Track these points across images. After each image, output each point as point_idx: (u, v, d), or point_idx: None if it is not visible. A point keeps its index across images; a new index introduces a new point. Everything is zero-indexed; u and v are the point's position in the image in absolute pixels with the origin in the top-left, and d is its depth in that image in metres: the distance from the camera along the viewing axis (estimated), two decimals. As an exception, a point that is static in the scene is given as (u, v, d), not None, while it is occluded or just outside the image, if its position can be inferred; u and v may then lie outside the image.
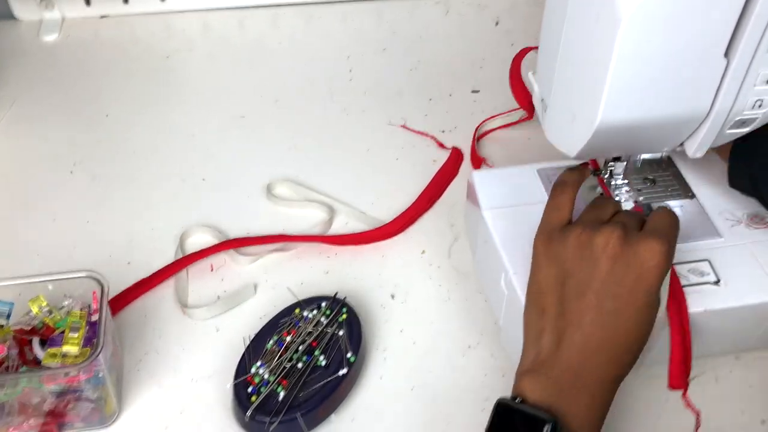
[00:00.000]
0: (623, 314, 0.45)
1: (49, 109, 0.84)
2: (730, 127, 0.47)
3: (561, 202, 0.51)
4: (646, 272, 0.45)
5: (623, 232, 0.46)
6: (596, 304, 0.46)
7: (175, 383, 0.58)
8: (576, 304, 0.46)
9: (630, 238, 0.46)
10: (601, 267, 0.46)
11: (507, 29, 0.94)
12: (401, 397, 0.57)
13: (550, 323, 0.47)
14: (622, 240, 0.46)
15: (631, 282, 0.45)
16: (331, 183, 0.74)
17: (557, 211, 0.51)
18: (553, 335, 0.47)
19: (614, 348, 0.46)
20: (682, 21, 0.41)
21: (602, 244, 0.46)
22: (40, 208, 0.73)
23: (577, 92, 0.47)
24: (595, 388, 0.45)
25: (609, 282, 0.46)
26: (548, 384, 0.45)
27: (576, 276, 0.47)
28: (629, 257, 0.45)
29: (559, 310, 0.47)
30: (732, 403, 0.56)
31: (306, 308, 0.59)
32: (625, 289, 0.45)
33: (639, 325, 0.46)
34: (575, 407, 0.45)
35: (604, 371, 0.46)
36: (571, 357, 0.46)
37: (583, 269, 0.47)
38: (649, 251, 0.45)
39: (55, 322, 0.56)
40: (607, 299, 0.45)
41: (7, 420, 0.53)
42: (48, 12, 0.96)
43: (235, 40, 0.94)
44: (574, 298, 0.47)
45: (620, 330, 0.45)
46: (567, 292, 0.47)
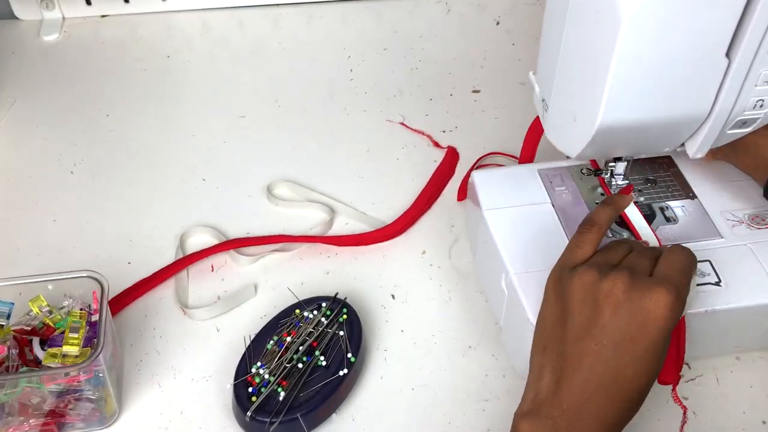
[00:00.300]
0: (624, 362, 0.44)
1: (49, 109, 0.84)
2: (731, 128, 0.47)
3: (584, 241, 0.50)
4: (651, 323, 0.44)
5: (629, 279, 0.45)
6: (596, 349, 0.45)
7: (175, 383, 0.58)
8: (576, 347, 0.45)
9: (636, 286, 0.45)
10: (603, 313, 0.45)
11: (507, 29, 0.94)
12: (401, 397, 0.57)
13: (550, 363, 0.47)
14: (626, 287, 0.45)
15: (634, 331, 0.44)
16: (331, 183, 0.74)
17: (578, 249, 0.49)
18: (553, 375, 0.46)
19: (614, 393, 0.44)
20: (683, 21, 0.41)
21: (606, 289, 0.45)
22: (40, 208, 0.73)
23: (578, 92, 0.47)
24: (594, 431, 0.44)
25: (610, 329, 0.44)
26: (546, 426, 0.45)
27: (577, 318, 0.46)
28: (633, 306, 0.44)
29: (560, 350, 0.46)
30: (732, 404, 0.55)
31: (306, 308, 0.59)
32: (627, 338, 0.44)
33: (640, 374, 0.45)
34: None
35: (603, 415, 0.44)
36: (570, 399, 0.45)
37: (584, 312, 0.46)
38: (654, 302, 0.44)
39: (55, 322, 0.56)
40: (608, 347, 0.44)
41: (7, 420, 0.53)
42: (48, 12, 0.96)
43: (235, 40, 0.94)
44: (574, 341, 0.46)
45: (620, 377, 0.44)
46: (568, 333, 0.46)
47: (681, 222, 0.57)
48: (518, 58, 0.89)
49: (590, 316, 0.45)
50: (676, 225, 0.57)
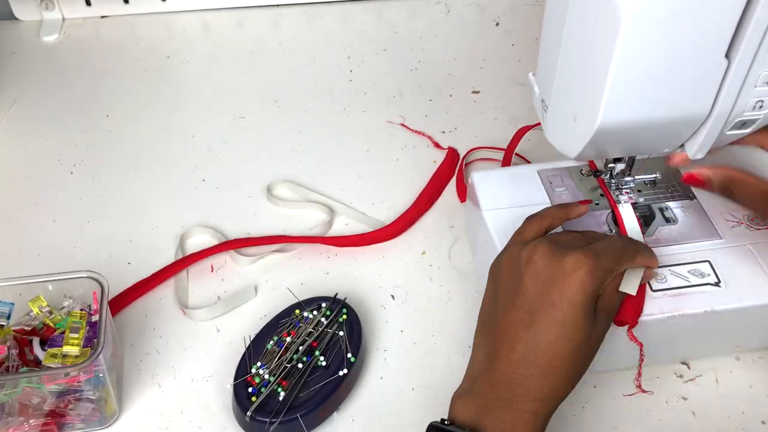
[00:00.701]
0: (544, 327, 0.44)
1: (49, 109, 0.84)
2: (730, 129, 0.47)
3: (525, 228, 0.51)
4: (568, 284, 0.44)
5: (549, 246, 0.46)
6: (519, 317, 0.45)
7: (175, 383, 0.58)
8: (503, 319, 0.46)
9: (555, 252, 0.46)
10: (524, 280, 0.46)
11: (507, 29, 0.94)
12: (401, 397, 0.57)
13: (484, 339, 0.48)
14: (545, 253, 0.46)
15: (552, 296, 0.45)
16: (331, 184, 0.74)
17: (517, 236, 0.51)
18: (485, 351, 0.47)
19: (539, 362, 0.44)
20: (683, 22, 0.41)
21: (526, 257, 0.46)
22: (40, 208, 0.73)
23: (578, 93, 0.47)
24: (523, 405, 0.44)
25: (530, 295, 0.45)
26: (475, 402, 0.45)
27: (504, 291, 0.47)
28: (550, 271, 0.45)
29: (490, 326, 0.47)
30: (732, 404, 0.55)
31: (306, 309, 0.59)
32: (546, 302, 0.45)
33: (563, 338, 0.44)
34: (502, 423, 0.44)
35: (532, 387, 0.44)
36: (499, 372, 0.45)
37: (510, 284, 0.47)
38: (571, 266, 0.45)
39: (56, 322, 0.56)
40: (529, 312, 0.45)
41: (7, 420, 0.53)
42: (48, 12, 0.96)
43: (235, 40, 0.94)
44: (502, 313, 0.46)
45: (542, 343, 0.44)
46: (497, 308, 0.47)
47: (680, 223, 0.57)
48: (518, 59, 0.89)
49: (514, 285, 0.46)
50: (676, 226, 0.57)
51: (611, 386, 0.57)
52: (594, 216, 0.58)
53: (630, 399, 0.56)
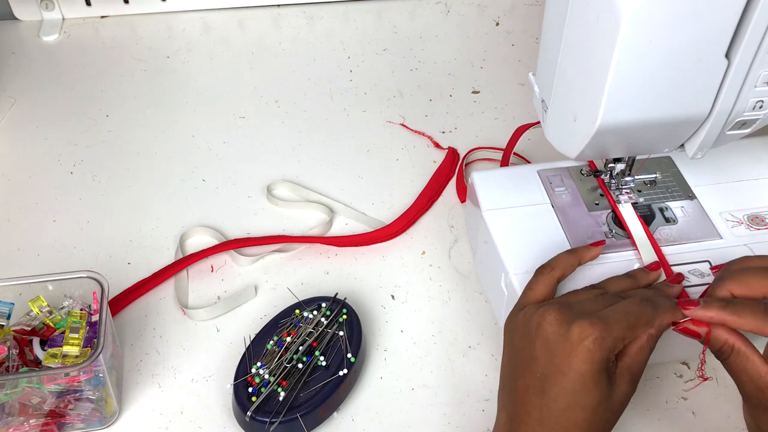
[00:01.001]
0: (555, 394, 0.44)
1: (49, 109, 0.84)
2: (730, 129, 0.47)
3: (536, 282, 0.50)
4: (575, 353, 0.43)
5: (558, 312, 0.45)
6: (533, 383, 0.45)
7: (175, 383, 0.58)
8: (520, 382, 0.46)
9: (563, 319, 0.45)
10: (536, 346, 0.45)
11: (507, 29, 0.94)
12: (401, 397, 0.57)
13: (504, 401, 0.48)
14: (555, 319, 0.45)
15: (560, 363, 0.44)
16: (331, 184, 0.74)
17: (530, 291, 0.50)
18: (506, 414, 0.47)
19: (555, 428, 0.44)
20: (683, 22, 0.41)
21: (536, 322, 0.46)
22: (40, 208, 0.73)
23: (578, 93, 0.47)
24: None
25: (541, 361, 0.45)
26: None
27: (519, 355, 0.47)
28: (558, 339, 0.44)
29: (510, 388, 0.47)
30: (732, 404, 0.55)
31: (306, 309, 0.59)
32: (555, 370, 0.44)
33: (574, 406, 0.44)
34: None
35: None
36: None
37: (524, 348, 0.46)
38: (577, 334, 0.44)
39: (55, 322, 0.56)
40: (541, 380, 0.45)
41: (7, 420, 0.53)
42: (48, 12, 0.96)
43: (235, 40, 0.94)
44: (519, 377, 0.46)
45: (555, 412, 0.44)
46: (515, 371, 0.47)
47: (680, 223, 0.57)
48: (518, 59, 0.89)
49: (528, 350, 0.46)
50: (676, 226, 0.57)
51: (611, 386, 0.57)
52: (594, 216, 0.58)
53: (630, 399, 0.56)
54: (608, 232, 0.56)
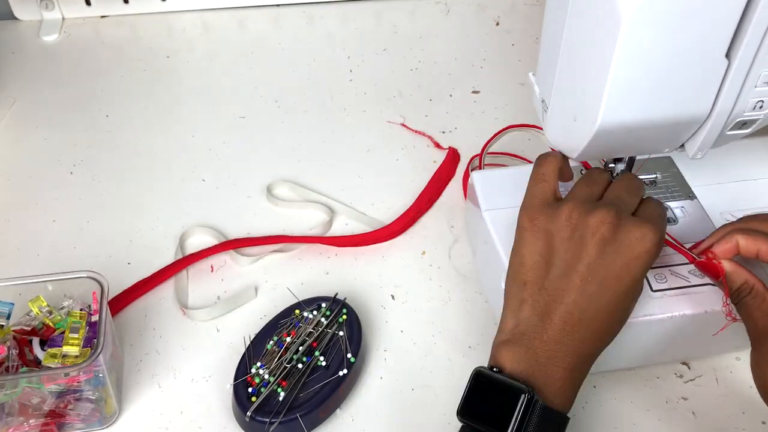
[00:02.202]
0: (606, 298, 0.45)
1: (49, 109, 0.84)
2: (730, 129, 0.47)
3: (545, 173, 0.50)
4: (635, 260, 0.45)
5: (616, 217, 0.46)
6: (580, 285, 0.45)
7: (175, 383, 0.58)
8: (560, 282, 0.46)
9: (623, 224, 0.46)
10: (590, 251, 0.46)
11: (507, 29, 0.94)
12: (401, 397, 0.57)
13: (532, 296, 0.47)
14: (614, 224, 0.45)
15: (618, 269, 0.45)
16: (331, 184, 0.74)
17: (542, 183, 0.50)
18: (534, 308, 0.47)
19: (594, 327, 0.46)
20: (683, 22, 0.41)
21: (593, 226, 0.46)
22: (40, 208, 0.73)
23: (578, 93, 0.47)
24: (571, 362, 0.46)
25: (596, 266, 0.45)
26: (527, 355, 0.46)
27: (563, 255, 0.47)
28: (620, 243, 0.45)
29: (542, 285, 0.47)
30: (732, 404, 0.56)
31: (306, 309, 0.59)
32: (612, 275, 0.45)
33: (620, 309, 0.47)
34: (551, 379, 0.45)
35: (581, 347, 0.46)
36: (551, 331, 0.46)
37: (570, 249, 0.46)
38: (640, 240, 0.45)
39: (55, 322, 0.56)
40: (593, 283, 0.45)
41: (7, 420, 0.53)
42: (48, 12, 0.96)
43: (235, 40, 0.94)
44: (559, 276, 0.46)
45: (601, 312, 0.46)
46: (552, 270, 0.47)
47: (680, 222, 0.57)
48: (518, 59, 0.89)
49: (576, 253, 0.46)
50: (676, 225, 0.57)
51: (611, 386, 0.57)
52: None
53: (630, 399, 0.56)
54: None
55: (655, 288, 0.53)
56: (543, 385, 0.45)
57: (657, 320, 0.52)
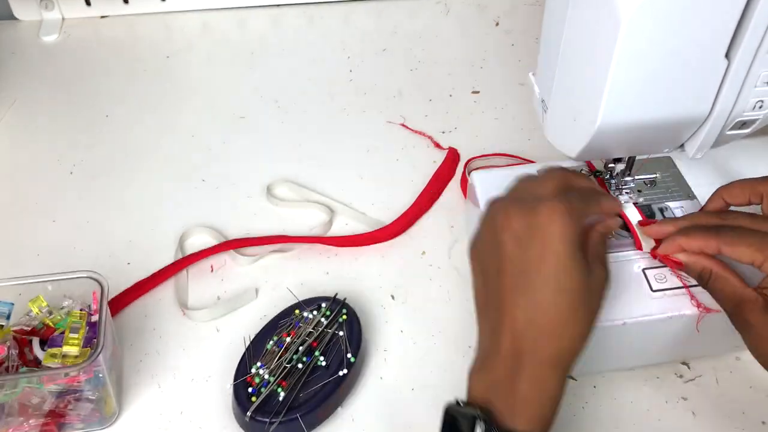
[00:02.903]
0: (538, 285, 0.43)
1: (49, 109, 0.84)
2: (730, 129, 0.47)
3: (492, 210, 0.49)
4: (549, 236, 0.43)
5: (518, 206, 0.44)
6: (512, 283, 0.44)
7: (175, 383, 0.58)
8: (499, 290, 0.44)
9: (525, 209, 0.44)
10: (506, 247, 0.44)
11: (507, 29, 0.94)
12: (401, 397, 0.57)
13: (484, 318, 0.46)
14: (518, 212, 0.44)
15: (537, 252, 0.43)
16: (331, 184, 0.74)
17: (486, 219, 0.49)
18: (489, 327, 0.45)
19: (542, 324, 0.43)
20: (683, 22, 0.41)
21: (501, 223, 0.45)
22: (40, 208, 0.73)
23: (578, 93, 0.47)
24: (533, 373, 0.43)
25: (516, 257, 0.44)
26: (487, 377, 0.44)
27: (491, 264, 0.45)
28: (529, 227, 0.43)
29: (486, 302, 0.46)
30: (732, 404, 0.56)
31: (306, 309, 0.59)
32: (533, 260, 0.43)
33: (561, 293, 0.43)
34: (513, 397, 0.43)
35: (540, 352, 0.43)
36: (504, 343, 0.44)
37: (493, 255, 0.45)
38: (546, 213, 0.43)
39: (55, 322, 0.56)
40: (519, 276, 0.43)
41: (7, 420, 0.53)
42: (48, 12, 0.96)
43: (235, 40, 0.94)
44: (496, 286, 0.45)
45: (541, 303, 0.43)
46: (489, 284, 0.46)
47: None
48: (518, 59, 0.89)
49: (498, 255, 0.44)
50: (676, 225, 0.57)
51: (611, 386, 0.57)
52: (594, 216, 0.58)
53: (630, 399, 0.56)
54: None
55: (655, 288, 0.53)
56: (504, 407, 0.43)
57: (657, 320, 0.52)
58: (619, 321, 0.51)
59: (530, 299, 0.43)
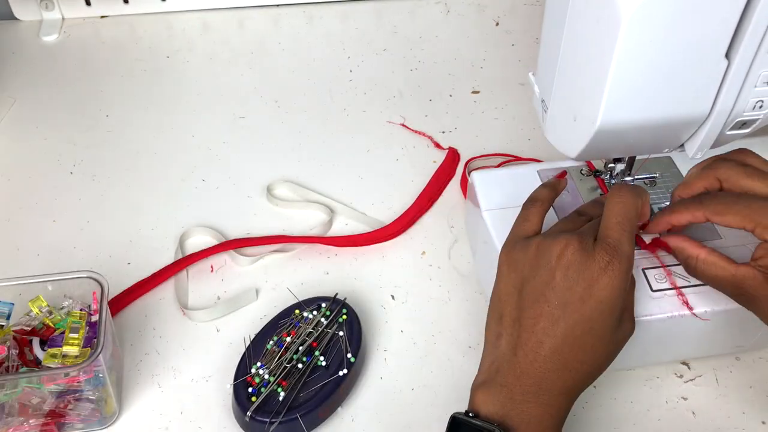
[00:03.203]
0: (573, 321, 0.45)
1: (49, 109, 0.84)
2: (730, 129, 0.47)
3: (529, 215, 0.51)
4: (598, 280, 0.44)
5: (580, 241, 0.46)
6: (549, 311, 0.45)
7: (175, 383, 0.58)
8: (531, 311, 0.46)
9: (587, 248, 0.45)
10: (555, 275, 0.45)
11: (507, 29, 0.94)
12: (401, 397, 0.57)
13: (506, 330, 0.47)
14: (578, 248, 0.45)
15: (581, 291, 0.44)
16: (331, 184, 0.74)
17: (525, 223, 0.51)
18: (509, 342, 0.47)
19: (566, 356, 0.45)
20: (683, 22, 0.41)
21: (557, 251, 0.46)
22: (40, 208, 0.73)
23: (578, 93, 0.47)
24: (548, 399, 0.45)
25: (561, 290, 0.45)
26: (501, 394, 0.45)
27: (532, 283, 0.46)
28: (583, 265, 0.45)
29: (516, 316, 0.47)
30: (732, 404, 0.56)
31: (306, 309, 0.59)
32: (575, 298, 0.45)
33: (590, 336, 0.45)
34: (528, 418, 0.44)
35: (557, 380, 0.45)
36: (524, 364, 0.45)
37: (538, 276, 0.46)
38: (603, 260, 0.45)
39: (55, 322, 0.56)
40: (558, 307, 0.45)
41: (7, 420, 0.53)
42: (48, 12, 0.96)
43: (235, 40, 0.94)
44: (530, 306, 0.46)
45: (569, 338, 0.45)
46: (524, 299, 0.47)
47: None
48: (518, 59, 0.89)
49: (544, 279, 0.46)
50: (676, 225, 0.57)
51: (611, 386, 0.57)
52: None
53: (630, 399, 0.56)
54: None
55: (655, 288, 0.53)
56: (519, 424, 0.44)
57: (657, 320, 0.52)
58: (619, 321, 0.51)
59: (561, 332, 0.45)
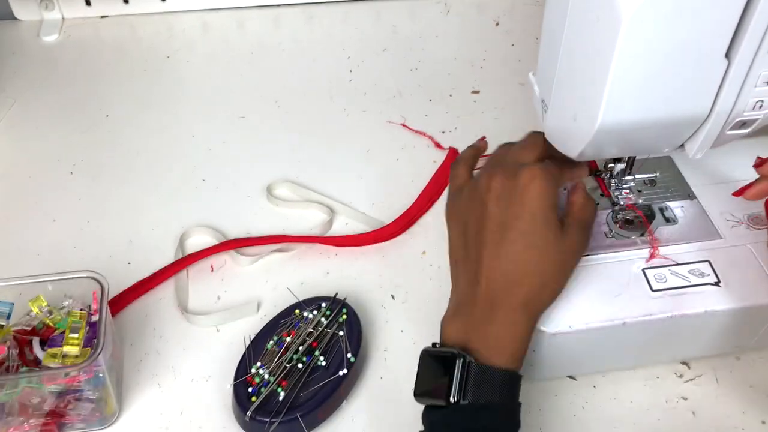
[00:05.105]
0: (513, 239, 0.48)
1: (49, 109, 0.84)
2: (730, 128, 0.47)
3: (457, 172, 0.56)
4: (527, 198, 0.48)
5: (502, 171, 0.50)
6: (491, 238, 0.49)
7: (175, 383, 0.58)
8: (476, 244, 0.50)
9: (509, 172, 0.50)
10: (488, 206, 0.49)
11: (507, 29, 0.94)
12: (401, 397, 0.57)
13: (461, 270, 0.51)
14: (502, 176, 0.50)
15: (515, 209, 0.48)
16: (331, 184, 0.74)
17: (455, 179, 0.55)
18: (465, 278, 0.50)
19: (514, 273, 0.48)
20: (683, 21, 0.41)
21: (484, 186, 0.50)
22: (40, 208, 0.73)
23: (578, 93, 0.47)
24: (504, 316, 0.48)
25: (495, 215, 0.49)
26: (464, 322, 0.49)
27: (471, 221, 0.51)
28: (510, 188, 0.49)
29: (465, 255, 0.51)
30: (732, 404, 0.56)
31: (306, 309, 0.59)
32: (510, 217, 0.48)
33: (530, 248, 0.48)
34: (488, 338, 0.48)
35: (509, 297, 0.48)
36: (481, 292, 0.48)
37: (475, 213, 0.50)
38: (527, 176, 0.48)
39: (55, 322, 0.56)
40: (497, 232, 0.49)
41: (7, 420, 0.53)
42: (48, 12, 0.96)
43: (235, 40, 0.94)
44: (474, 241, 0.50)
45: (512, 255, 0.48)
46: (469, 238, 0.51)
47: (680, 223, 0.57)
48: (518, 59, 0.89)
49: (480, 213, 0.50)
50: (676, 225, 0.57)
51: (611, 386, 0.57)
52: (594, 216, 0.58)
53: (630, 399, 0.56)
54: (608, 232, 0.56)
55: (655, 288, 0.53)
56: (480, 346, 0.47)
57: (657, 320, 0.52)
58: (619, 321, 0.51)
59: (505, 252, 0.48)
